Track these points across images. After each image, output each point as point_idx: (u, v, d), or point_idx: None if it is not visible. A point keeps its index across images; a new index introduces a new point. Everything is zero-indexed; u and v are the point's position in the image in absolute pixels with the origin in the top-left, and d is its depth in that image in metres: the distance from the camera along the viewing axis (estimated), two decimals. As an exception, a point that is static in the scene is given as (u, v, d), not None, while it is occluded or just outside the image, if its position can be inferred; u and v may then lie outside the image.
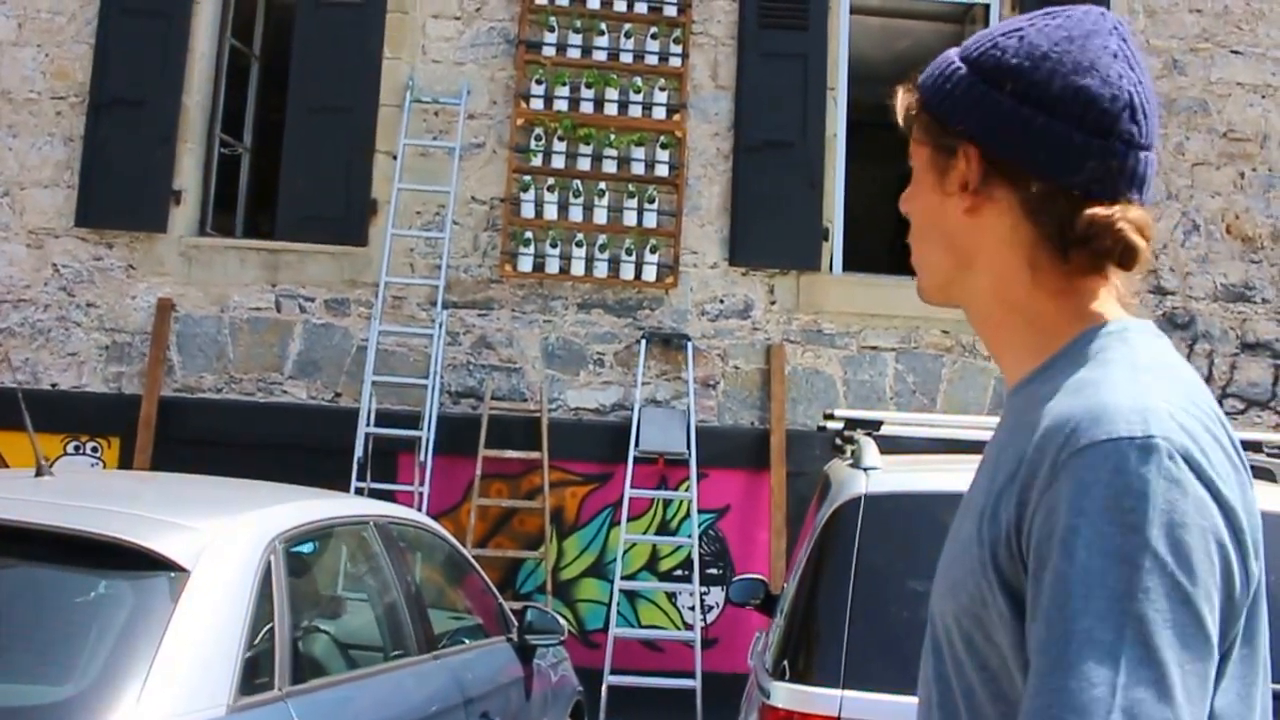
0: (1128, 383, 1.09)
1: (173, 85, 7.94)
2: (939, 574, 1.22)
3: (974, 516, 1.15)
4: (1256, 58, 8.43)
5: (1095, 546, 0.99)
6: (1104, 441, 1.03)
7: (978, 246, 1.23)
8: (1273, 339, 8.21)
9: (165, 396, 7.68)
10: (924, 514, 3.40)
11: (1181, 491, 1.01)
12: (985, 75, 1.20)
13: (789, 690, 3.28)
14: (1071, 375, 1.14)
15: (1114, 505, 1.00)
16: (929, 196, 1.26)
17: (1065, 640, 0.98)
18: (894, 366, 8.03)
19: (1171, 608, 0.98)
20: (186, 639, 2.68)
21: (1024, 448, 1.10)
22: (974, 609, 1.12)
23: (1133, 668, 0.96)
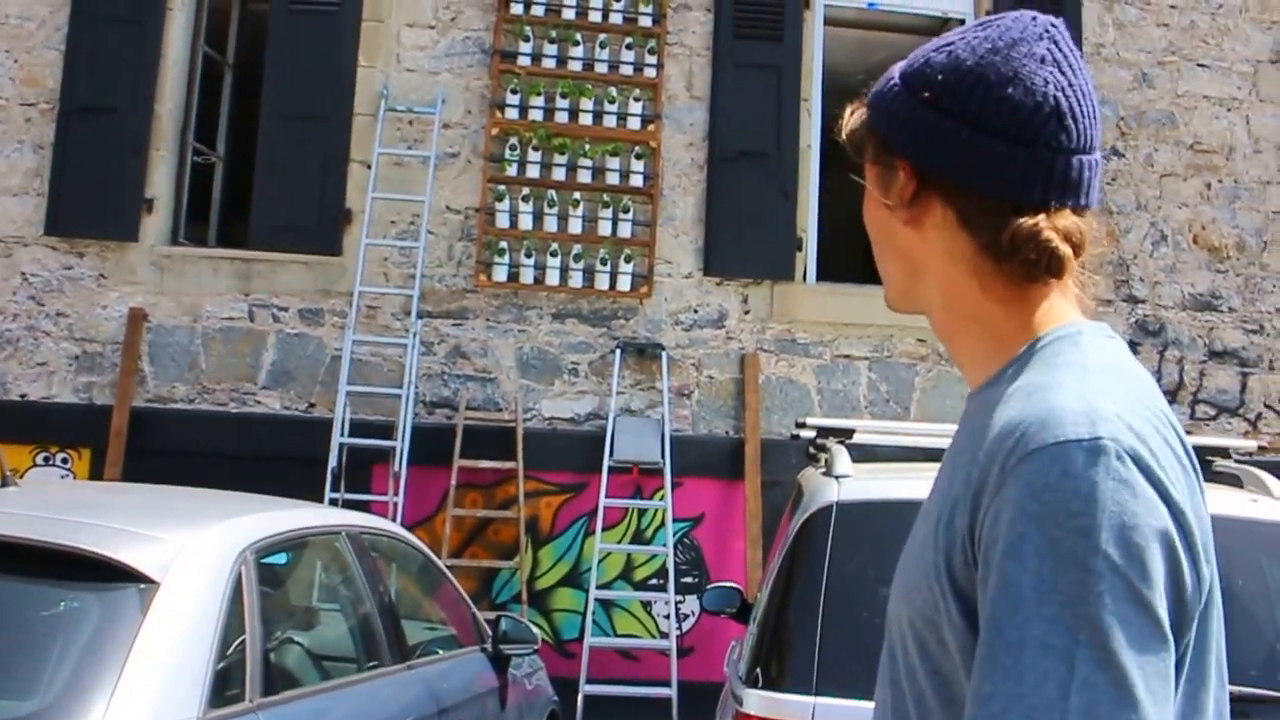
0: (1076, 385, 1.09)
1: (145, 92, 7.89)
2: (896, 578, 1.23)
3: (930, 521, 1.15)
4: (1222, 71, 8.53)
5: (1045, 551, 0.99)
6: (1051, 445, 1.03)
7: (925, 258, 1.24)
8: (1239, 347, 8.30)
9: (137, 407, 7.62)
10: (896, 522, 3.40)
11: (1131, 493, 1.01)
12: (915, 90, 1.21)
13: (762, 697, 3.29)
14: (1022, 380, 1.14)
15: (1062, 509, 1.00)
16: (877, 211, 1.28)
17: (1018, 646, 0.98)
18: (867, 375, 8.06)
19: (1126, 610, 0.98)
20: (155, 651, 2.66)
21: (976, 453, 1.10)
22: (927, 613, 1.12)
23: (1089, 671, 0.96)
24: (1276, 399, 8.27)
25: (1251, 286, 8.38)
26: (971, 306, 1.22)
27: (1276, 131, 8.51)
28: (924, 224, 1.22)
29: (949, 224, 1.20)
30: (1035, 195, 1.15)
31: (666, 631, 7.51)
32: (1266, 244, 8.43)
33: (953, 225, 1.20)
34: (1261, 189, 8.46)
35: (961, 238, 1.19)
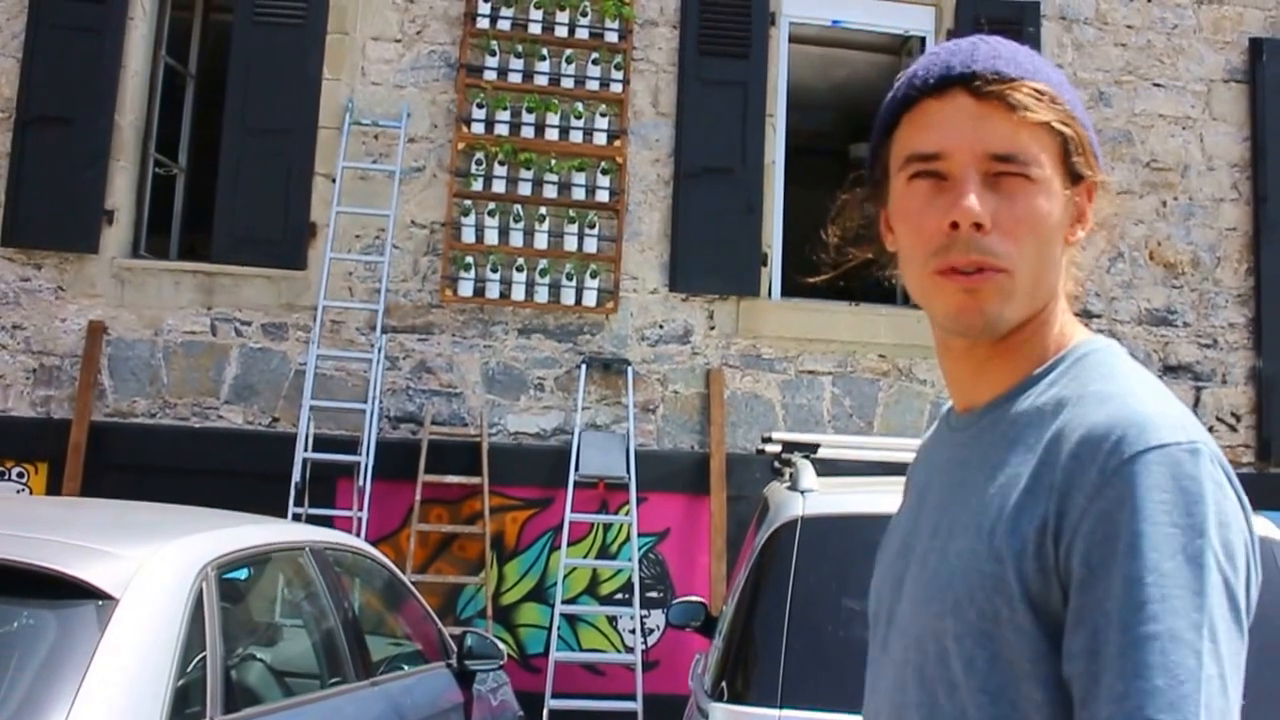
0: (1152, 394, 1.13)
1: (105, 103, 7.81)
2: (923, 596, 1.20)
3: (971, 534, 1.15)
4: (1176, 91, 8.66)
5: (1164, 549, 1.02)
6: (1157, 447, 1.06)
7: (1060, 272, 1.25)
8: (1193, 361, 8.42)
9: (96, 421, 7.54)
10: (861, 535, 3.43)
11: (1224, 494, 1.06)
12: (1085, 124, 1.26)
13: (727, 711, 3.29)
14: (1087, 388, 1.16)
15: (1176, 508, 1.04)
16: (1061, 218, 1.21)
17: (1146, 640, 1.00)
18: (831, 390, 8.09)
19: (1225, 606, 1.03)
20: (114, 669, 2.63)
21: (1048, 460, 1.11)
22: (983, 626, 1.11)
23: (1209, 663, 1.00)
24: (1229, 413, 8.38)
25: (1205, 302, 8.50)
26: (1050, 318, 1.24)
27: (1229, 150, 8.65)
28: (1077, 241, 1.26)
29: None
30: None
31: (632, 646, 7.50)
32: (1220, 260, 8.55)
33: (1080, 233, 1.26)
34: (1215, 206, 8.59)
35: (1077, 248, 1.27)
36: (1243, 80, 8.71)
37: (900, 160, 1.23)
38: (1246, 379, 8.44)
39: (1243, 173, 8.63)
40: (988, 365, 1.24)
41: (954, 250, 1.17)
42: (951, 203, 1.17)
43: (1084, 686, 1.03)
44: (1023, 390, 1.20)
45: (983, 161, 1.17)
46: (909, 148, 1.22)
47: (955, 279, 1.18)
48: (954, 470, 1.25)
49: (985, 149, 1.16)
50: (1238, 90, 8.71)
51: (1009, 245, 1.16)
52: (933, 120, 1.20)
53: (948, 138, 1.18)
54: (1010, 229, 1.16)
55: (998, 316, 1.18)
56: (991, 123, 1.17)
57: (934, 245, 1.18)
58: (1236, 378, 8.45)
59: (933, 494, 1.28)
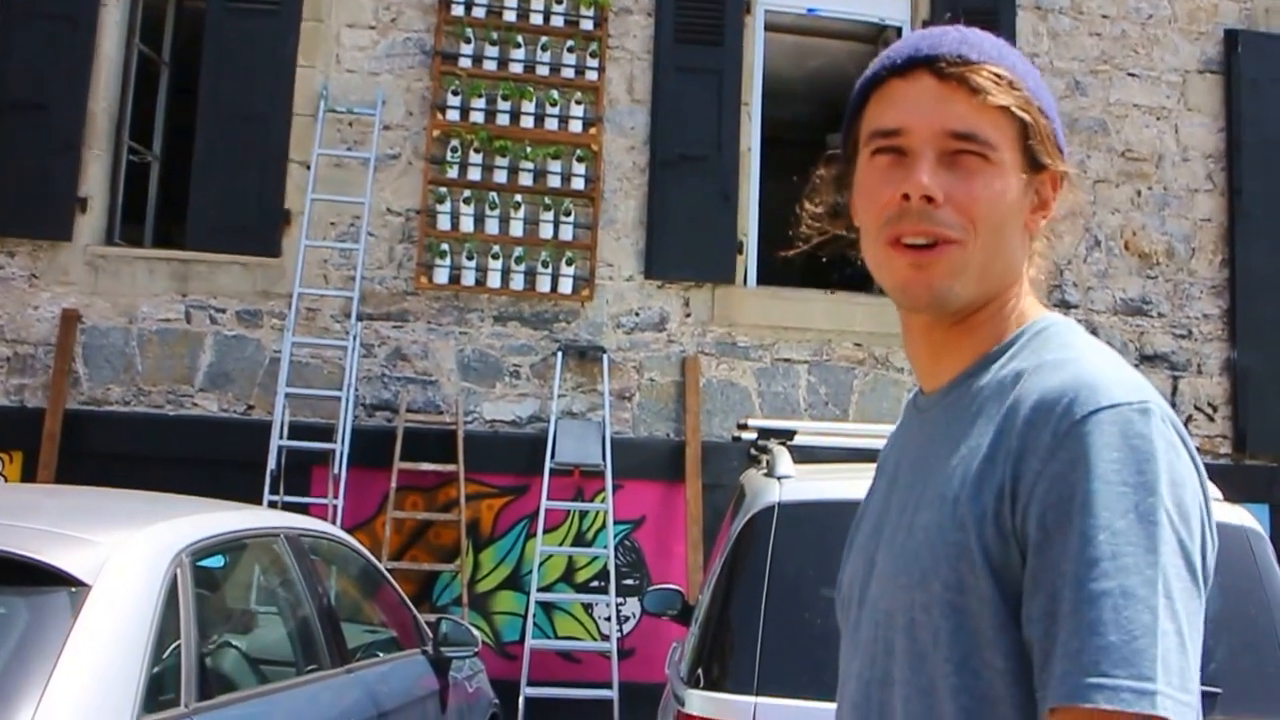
0: (1104, 359, 1.15)
1: (78, 90, 7.76)
2: (891, 570, 1.21)
3: (936, 505, 1.16)
4: (1151, 81, 8.71)
5: (1117, 507, 1.03)
6: (1108, 407, 1.07)
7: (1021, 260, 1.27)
8: (1169, 351, 8.48)
9: (70, 409, 7.50)
10: (838, 522, 3.43)
11: (1177, 454, 1.08)
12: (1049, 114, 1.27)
13: (703, 698, 3.29)
14: (1042, 357, 1.18)
15: (1128, 467, 1.05)
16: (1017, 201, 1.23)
17: (1100, 599, 1.01)
18: (807, 378, 8.12)
19: (1179, 562, 1.04)
20: (86, 656, 2.61)
21: (1006, 427, 1.13)
22: (947, 596, 1.12)
23: (1165, 620, 1.00)
24: (1205, 402, 8.45)
25: (1180, 292, 8.56)
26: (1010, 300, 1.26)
27: (1204, 140, 8.70)
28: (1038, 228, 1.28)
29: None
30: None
31: (608, 634, 7.52)
32: (1194, 250, 8.61)
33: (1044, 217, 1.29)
34: (1190, 196, 8.65)
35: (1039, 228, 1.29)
36: (1218, 71, 8.76)
37: (865, 137, 1.26)
38: (1222, 370, 8.51)
39: (1217, 164, 8.69)
40: (948, 345, 1.27)
41: (904, 221, 1.20)
42: (905, 176, 1.20)
43: (1041, 648, 1.05)
44: (984, 366, 1.23)
45: (941, 139, 1.19)
46: (873, 124, 1.25)
47: (905, 253, 1.20)
48: (921, 448, 1.27)
49: (944, 126, 1.19)
50: (1213, 81, 8.76)
51: (962, 220, 1.19)
52: (896, 99, 1.23)
53: (908, 115, 1.21)
54: (965, 206, 1.19)
55: (946, 290, 1.20)
56: (952, 103, 1.20)
57: (886, 216, 1.21)
58: (1212, 368, 8.51)
59: (903, 475, 1.30)
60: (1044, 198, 1.25)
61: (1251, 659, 3.34)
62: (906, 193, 1.19)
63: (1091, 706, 0.98)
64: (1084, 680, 0.99)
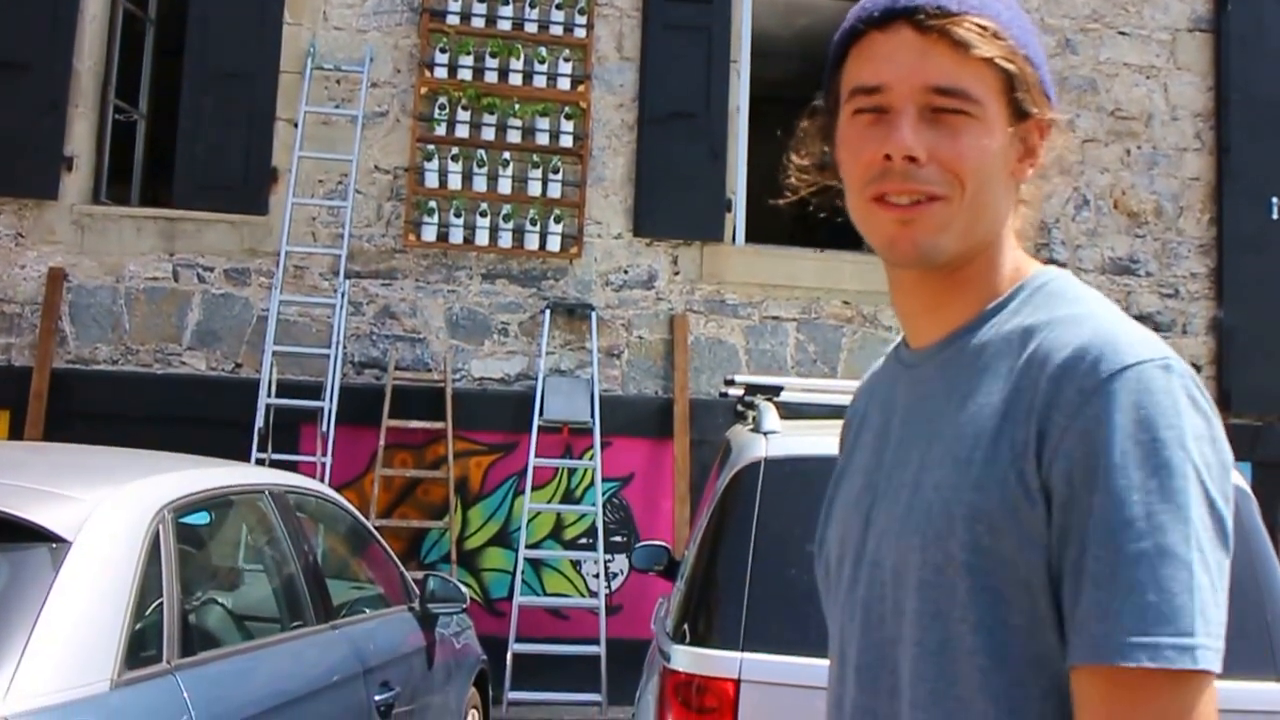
0: (1114, 315, 1.15)
1: (63, 48, 7.70)
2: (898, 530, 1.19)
3: (949, 465, 1.14)
4: (1142, 39, 8.67)
5: (1148, 464, 1.03)
6: (1134, 365, 1.07)
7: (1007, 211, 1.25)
8: (1154, 311, 8.49)
9: (58, 369, 7.49)
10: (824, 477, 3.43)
11: (1198, 409, 1.08)
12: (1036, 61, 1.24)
13: (689, 653, 3.28)
14: (1055, 312, 1.17)
15: (1157, 423, 1.05)
16: (1003, 154, 1.21)
17: (1136, 558, 1.01)
18: (795, 336, 8.13)
19: (1208, 514, 1.04)
20: (67, 613, 2.59)
21: (1024, 384, 1.12)
22: (964, 558, 1.11)
23: (1200, 573, 1.01)
24: (1190, 362, 8.44)
25: (1168, 251, 8.56)
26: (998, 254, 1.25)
27: (1193, 99, 8.67)
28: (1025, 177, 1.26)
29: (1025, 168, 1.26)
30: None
31: (595, 590, 7.56)
32: (1182, 210, 8.60)
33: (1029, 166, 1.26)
34: (1179, 155, 8.63)
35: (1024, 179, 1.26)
36: (1207, 30, 8.72)
37: (846, 93, 1.23)
38: (1207, 329, 8.52)
39: (1206, 122, 8.67)
40: (941, 299, 1.25)
41: (888, 180, 1.17)
42: (887, 135, 1.17)
43: (1076, 606, 1.04)
44: (984, 320, 1.21)
45: (922, 94, 1.16)
46: (853, 80, 1.22)
47: (890, 209, 1.18)
48: (918, 404, 1.25)
49: (925, 82, 1.16)
50: (1202, 40, 8.72)
51: (948, 177, 1.16)
52: (876, 53, 1.20)
53: (889, 70, 1.18)
54: (950, 163, 1.16)
55: (932, 246, 1.18)
56: (933, 56, 1.16)
57: (870, 175, 1.19)
58: (1197, 328, 8.53)
59: (895, 430, 1.27)
60: (1031, 146, 1.23)
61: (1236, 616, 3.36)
62: (888, 153, 1.16)
63: (1135, 665, 0.99)
64: (1126, 640, 1.00)
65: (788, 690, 3.07)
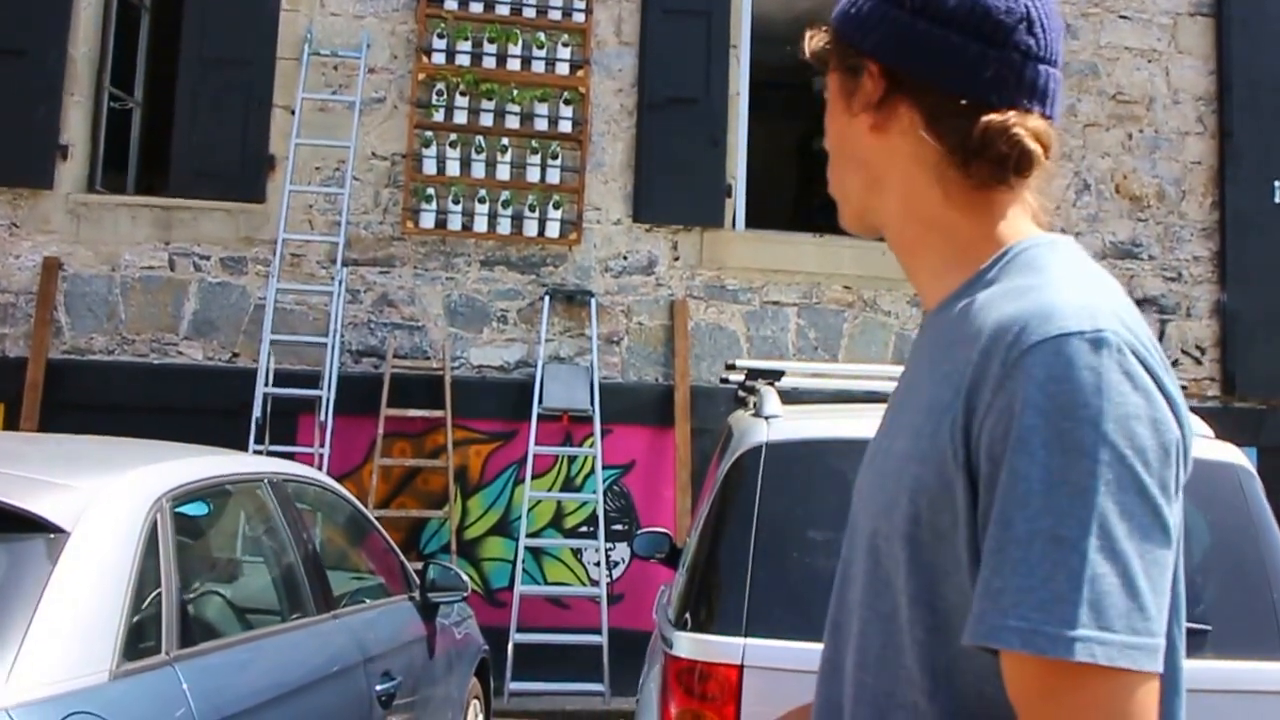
0: (1069, 284, 1.10)
1: (58, 35, 7.65)
2: (867, 495, 1.22)
3: (907, 435, 1.15)
4: (1143, 23, 8.62)
5: (1053, 443, 0.99)
6: (1055, 337, 1.03)
7: (887, 166, 1.24)
8: (1158, 294, 8.46)
9: (53, 359, 7.45)
10: (826, 461, 3.41)
11: (1133, 384, 1.02)
12: (840, 31, 1.26)
13: (692, 640, 3.26)
14: (1008, 283, 1.14)
15: (1070, 400, 1.00)
16: (838, 121, 1.28)
17: (1028, 539, 0.98)
18: (796, 322, 8.09)
19: (1131, 500, 0.99)
20: (65, 603, 2.57)
21: (966, 356, 1.09)
22: (905, 528, 1.11)
23: (1098, 562, 0.96)
24: (1194, 345, 8.44)
25: (1171, 235, 8.52)
26: (934, 215, 1.22)
27: (1194, 83, 8.63)
28: (889, 129, 1.22)
29: (916, 127, 1.20)
30: (1006, 96, 1.17)
31: (597, 579, 7.54)
32: (1185, 193, 8.56)
33: (920, 127, 1.20)
34: (1180, 139, 8.59)
35: (928, 141, 1.20)
36: (1209, 14, 8.67)
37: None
38: (1211, 312, 8.49)
39: (1208, 106, 8.62)
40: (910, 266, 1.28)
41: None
42: None
43: (978, 582, 1.02)
44: (967, 290, 1.19)
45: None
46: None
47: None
48: (909, 371, 1.27)
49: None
50: (1204, 23, 8.67)
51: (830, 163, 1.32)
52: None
53: None
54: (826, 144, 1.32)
55: (841, 215, 1.32)
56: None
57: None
58: (1201, 311, 8.49)
59: (896, 397, 1.29)
60: (866, 97, 1.24)
61: (1241, 596, 3.34)
62: None
63: (1005, 649, 0.97)
64: (1002, 621, 0.97)
65: (791, 676, 3.03)
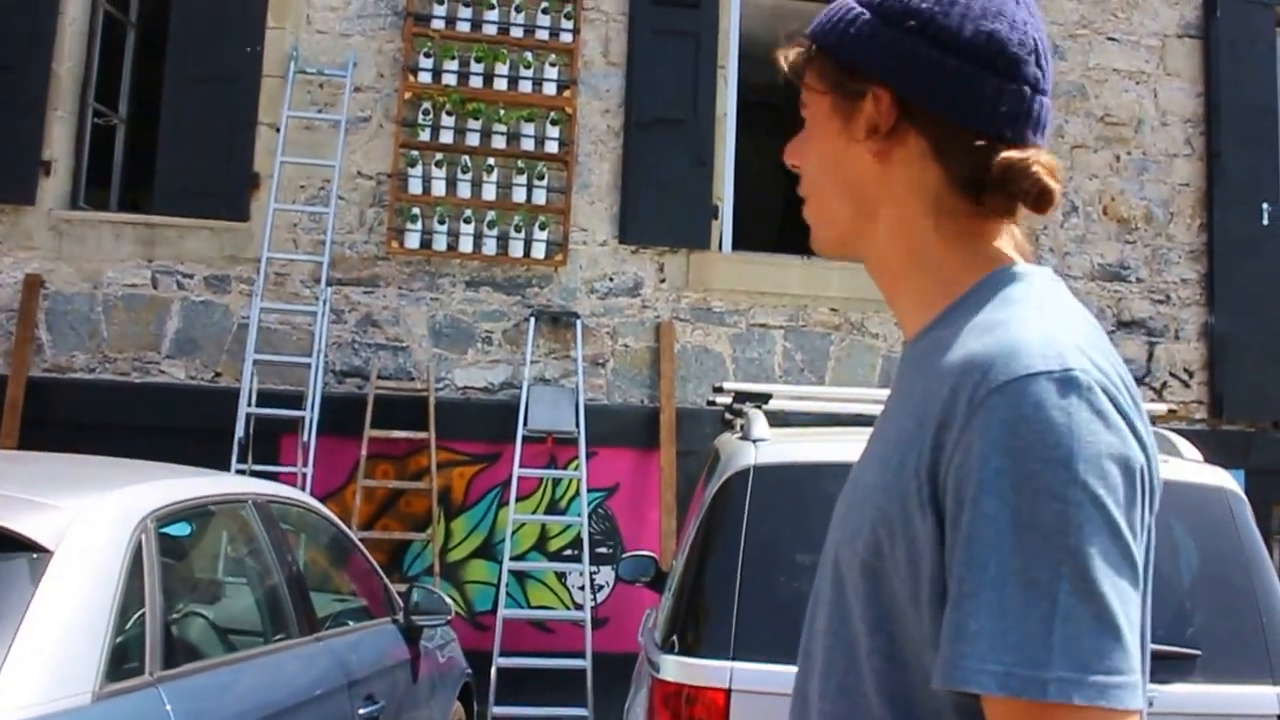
0: (1036, 320, 1.08)
1: (42, 50, 7.60)
2: (836, 524, 1.21)
3: (876, 466, 1.14)
4: (1131, 45, 8.68)
5: (1023, 484, 0.98)
6: (1022, 377, 1.02)
7: (882, 193, 1.22)
8: (1146, 317, 8.48)
9: (34, 377, 7.37)
10: (814, 485, 3.40)
11: (1104, 424, 1.01)
12: (892, 19, 1.20)
13: (679, 663, 3.24)
14: (977, 316, 1.13)
15: (1038, 440, 0.99)
16: (830, 144, 1.25)
17: (1000, 582, 0.97)
18: (782, 344, 8.08)
19: (1104, 540, 0.98)
20: (48, 624, 2.56)
21: (935, 391, 1.08)
22: (867, 559, 1.11)
23: (1071, 604, 0.95)
24: (1182, 368, 8.46)
25: (1159, 257, 8.56)
26: (919, 245, 1.21)
27: (1183, 105, 8.68)
28: (892, 157, 1.20)
29: (922, 156, 1.19)
30: (1018, 130, 1.17)
31: (581, 603, 7.48)
32: (1173, 215, 8.60)
33: (926, 157, 1.19)
34: (1169, 161, 8.63)
35: (934, 171, 1.19)
36: (1197, 35, 8.73)
37: None
38: (1199, 335, 8.52)
39: (1196, 128, 8.67)
40: (894, 295, 1.27)
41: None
42: None
43: (946, 623, 1.01)
44: (941, 321, 1.18)
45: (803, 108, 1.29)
46: None
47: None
48: (890, 398, 1.25)
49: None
50: (1192, 45, 8.73)
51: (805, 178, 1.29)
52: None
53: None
54: (801, 164, 1.29)
55: (816, 241, 1.30)
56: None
57: None
58: (1189, 334, 8.52)
59: (876, 427, 1.29)
60: (872, 123, 1.21)
61: (1231, 621, 3.33)
62: None
63: (981, 692, 0.96)
64: (977, 665, 0.96)
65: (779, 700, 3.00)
